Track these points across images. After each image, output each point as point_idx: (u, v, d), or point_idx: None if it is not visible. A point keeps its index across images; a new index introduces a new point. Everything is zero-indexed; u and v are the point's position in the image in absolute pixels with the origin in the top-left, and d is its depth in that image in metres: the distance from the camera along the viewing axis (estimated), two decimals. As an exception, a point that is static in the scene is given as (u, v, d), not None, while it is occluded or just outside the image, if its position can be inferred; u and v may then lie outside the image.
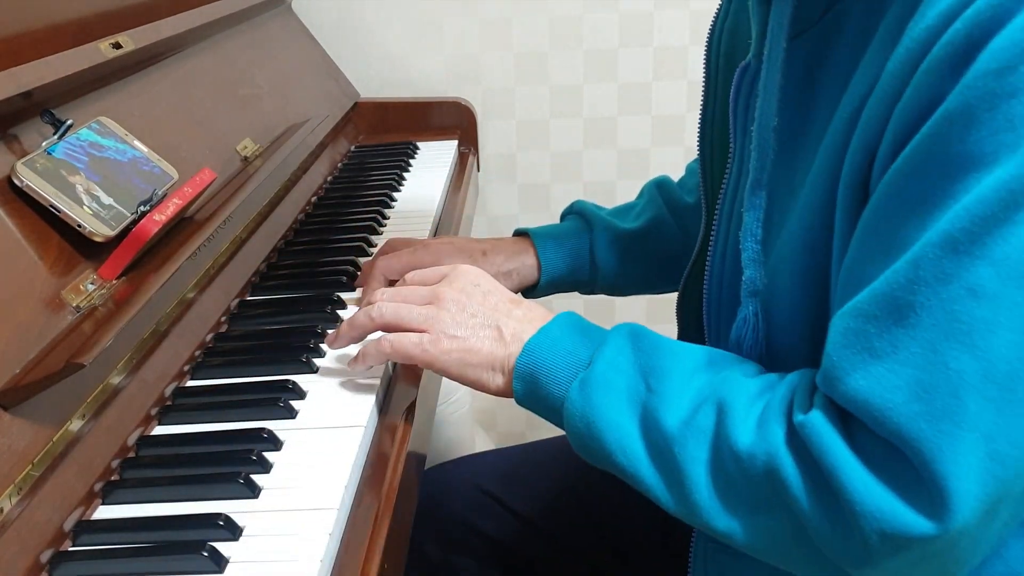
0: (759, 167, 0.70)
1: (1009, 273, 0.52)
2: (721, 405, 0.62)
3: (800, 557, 0.60)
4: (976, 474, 0.52)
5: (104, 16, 0.99)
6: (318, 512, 0.65)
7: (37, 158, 0.77)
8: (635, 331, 0.69)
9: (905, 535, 0.54)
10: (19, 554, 0.60)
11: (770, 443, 0.59)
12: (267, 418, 0.76)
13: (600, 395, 0.66)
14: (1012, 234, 0.51)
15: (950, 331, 0.53)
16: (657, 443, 0.63)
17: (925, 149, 0.54)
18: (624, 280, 1.05)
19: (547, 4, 1.72)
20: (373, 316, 0.77)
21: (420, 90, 1.76)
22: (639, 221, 1.04)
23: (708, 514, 0.62)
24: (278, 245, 1.12)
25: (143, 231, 0.80)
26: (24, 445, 0.64)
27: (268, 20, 1.48)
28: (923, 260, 0.53)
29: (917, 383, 0.53)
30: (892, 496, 0.54)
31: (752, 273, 0.70)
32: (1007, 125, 0.51)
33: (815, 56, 0.67)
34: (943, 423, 0.52)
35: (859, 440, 0.56)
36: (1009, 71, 0.51)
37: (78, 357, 0.66)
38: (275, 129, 1.26)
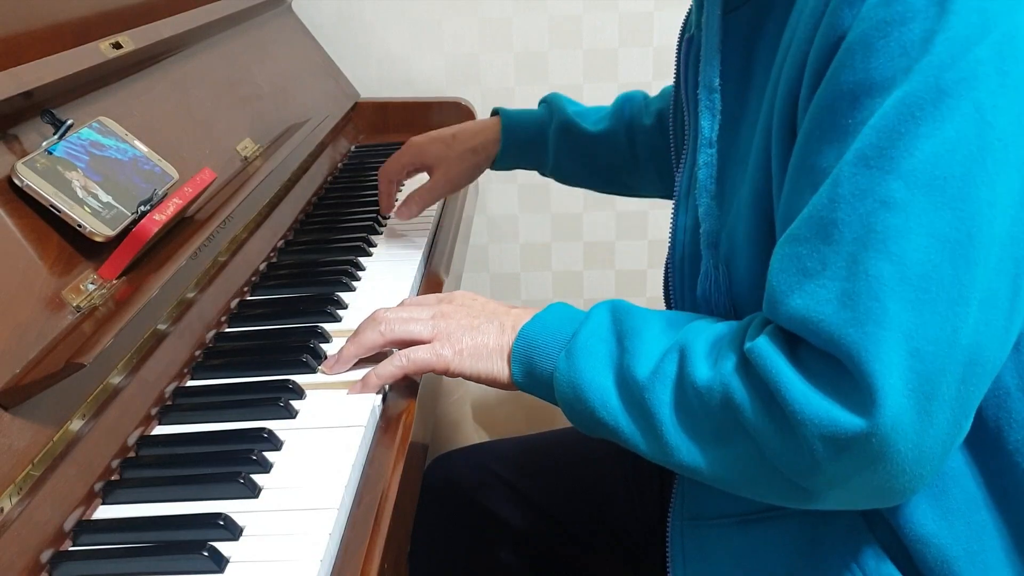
0: (708, 126, 0.75)
1: (916, 182, 0.56)
2: (683, 349, 0.67)
3: (764, 482, 0.64)
4: (899, 370, 0.56)
5: (104, 16, 0.99)
6: (318, 512, 0.65)
7: (37, 158, 0.77)
8: (615, 304, 0.74)
9: (841, 434, 0.57)
10: (19, 554, 0.60)
11: (723, 373, 0.63)
12: (267, 418, 0.76)
13: (582, 361, 0.70)
14: (915, 147, 0.56)
15: (868, 241, 0.57)
16: (632, 393, 0.68)
17: (834, 81, 0.59)
18: (568, 173, 1.18)
19: (547, 4, 1.72)
20: (383, 332, 0.79)
21: (420, 90, 1.76)
22: (596, 127, 1.14)
23: (678, 452, 0.66)
24: (278, 245, 1.12)
25: (143, 231, 0.80)
26: (24, 445, 0.64)
27: (268, 20, 1.48)
28: (841, 178, 0.58)
29: (843, 293, 0.58)
30: (828, 400, 0.58)
31: (708, 226, 0.76)
32: (900, 50, 0.57)
33: (751, 29, 0.73)
34: (867, 326, 0.56)
35: (802, 356, 0.60)
36: (896, 0, 0.57)
37: (78, 357, 0.66)
38: (275, 129, 1.26)
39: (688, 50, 0.82)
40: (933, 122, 0.56)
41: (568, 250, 1.87)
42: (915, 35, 0.57)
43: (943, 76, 0.56)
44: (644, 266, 1.88)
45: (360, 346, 0.80)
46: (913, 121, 0.56)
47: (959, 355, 0.57)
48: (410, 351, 0.77)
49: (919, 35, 0.56)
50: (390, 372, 0.78)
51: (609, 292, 1.90)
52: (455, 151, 1.15)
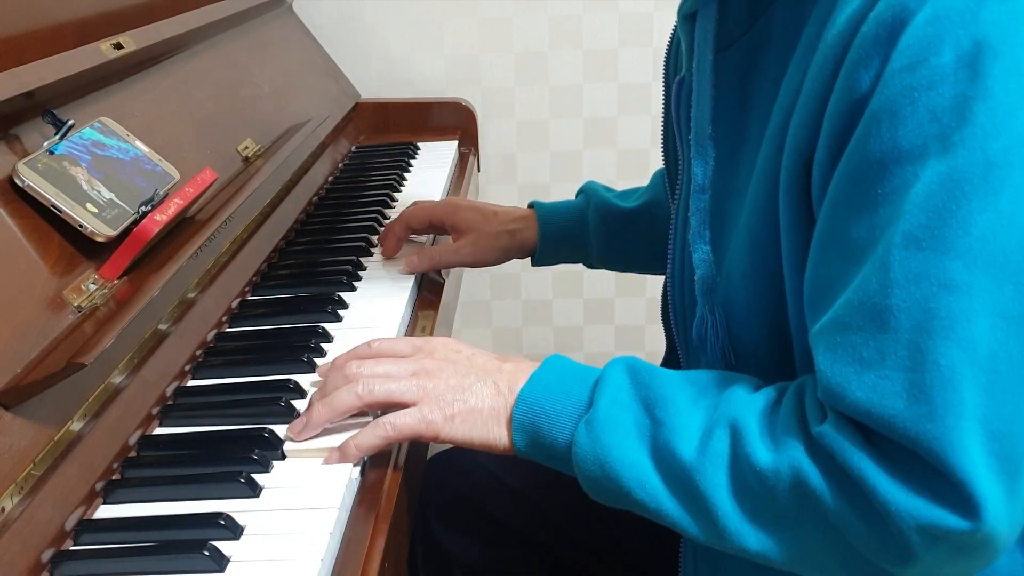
0: (701, 173, 0.73)
1: (976, 261, 0.53)
2: (733, 427, 0.62)
3: (838, 563, 0.60)
4: (983, 458, 0.53)
5: (105, 16, 0.99)
6: (319, 511, 0.65)
7: (39, 158, 0.77)
8: (631, 364, 0.68)
9: (938, 528, 0.54)
10: (21, 553, 0.60)
11: (792, 456, 0.59)
12: (268, 417, 0.76)
13: (608, 434, 0.65)
14: (970, 224, 0.53)
15: (931, 328, 0.54)
16: (675, 474, 0.63)
17: (860, 150, 0.57)
18: (614, 256, 1.11)
19: (547, 4, 1.72)
20: (360, 393, 0.71)
21: (420, 90, 1.76)
22: (636, 203, 1.10)
23: (739, 537, 0.61)
24: (279, 245, 1.13)
25: (144, 231, 0.80)
26: (25, 444, 0.64)
27: (269, 21, 1.48)
28: (891, 262, 0.55)
29: (912, 385, 0.54)
30: (920, 495, 0.55)
31: (703, 272, 0.73)
32: (929, 116, 0.54)
33: (745, 66, 0.70)
34: (947, 419, 0.53)
35: (879, 444, 0.57)
36: (921, 64, 0.54)
37: (79, 357, 0.66)
38: (276, 129, 1.26)
39: (679, 92, 0.79)
40: (985, 196, 0.53)
41: (568, 250, 1.87)
42: (946, 100, 0.54)
43: (989, 146, 0.53)
44: (644, 266, 1.88)
45: (333, 410, 0.71)
46: (964, 197, 0.53)
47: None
48: (395, 418, 0.69)
49: (950, 100, 0.54)
50: (372, 444, 0.70)
51: (609, 290, 1.90)
52: (492, 227, 1.08)
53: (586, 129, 1.81)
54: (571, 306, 1.92)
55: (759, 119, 0.68)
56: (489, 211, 1.10)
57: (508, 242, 1.09)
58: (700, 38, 0.72)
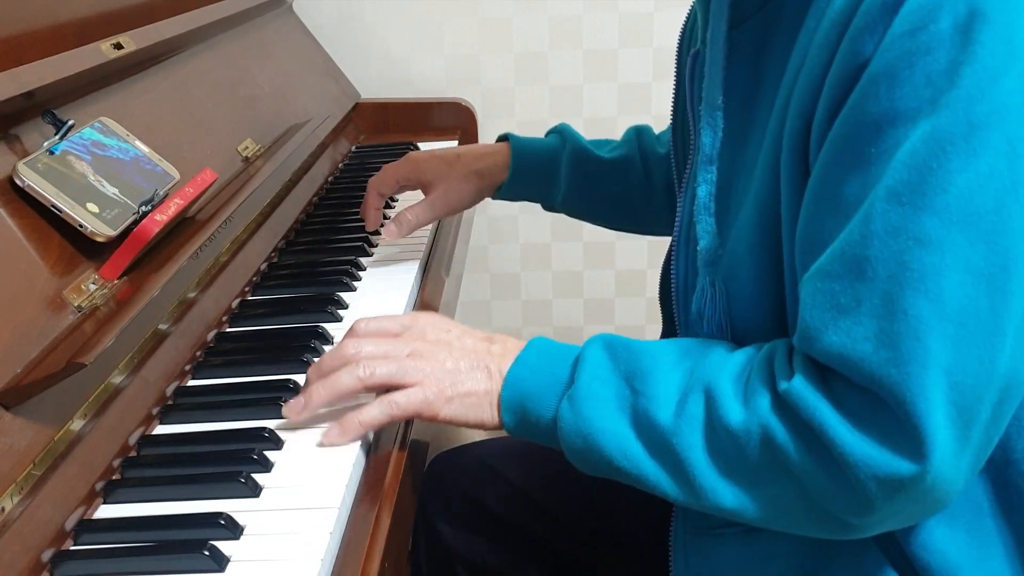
0: (710, 144, 0.74)
1: (951, 219, 0.56)
2: (707, 390, 0.65)
3: (809, 519, 0.63)
4: (942, 407, 0.56)
5: (105, 16, 0.99)
6: (319, 511, 0.65)
7: (39, 158, 0.77)
8: (608, 340, 0.72)
9: (896, 477, 0.57)
10: (21, 553, 0.60)
11: (760, 415, 0.62)
12: (268, 417, 0.76)
13: (589, 407, 0.68)
14: (948, 182, 0.56)
15: (904, 279, 0.57)
16: (654, 439, 0.66)
17: (857, 110, 0.59)
18: (580, 204, 1.12)
19: (547, 4, 1.72)
20: (362, 376, 0.73)
21: (420, 90, 1.76)
22: (610, 154, 1.10)
23: (715, 495, 0.64)
24: (279, 245, 1.13)
25: (144, 231, 0.80)
26: (25, 444, 0.64)
27: (269, 20, 1.48)
28: (873, 215, 0.58)
29: (881, 331, 0.57)
30: (877, 444, 0.58)
31: (706, 244, 0.75)
32: (925, 80, 0.56)
33: (758, 42, 0.72)
34: (910, 365, 0.56)
35: (840, 395, 0.60)
36: (920, 30, 0.56)
37: (79, 357, 0.66)
38: (276, 129, 1.26)
39: (693, 66, 0.80)
40: (965, 156, 0.56)
41: (568, 250, 1.87)
42: (940, 65, 0.56)
43: (972, 109, 0.55)
44: (644, 266, 1.88)
45: (334, 391, 0.73)
46: (944, 156, 0.56)
47: (996, 383, 0.57)
48: (398, 397, 0.72)
49: (944, 65, 0.56)
50: (377, 420, 0.72)
51: (609, 292, 1.90)
52: (457, 171, 1.08)
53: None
54: (571, 306, 1.92)
55: (769, 96, 0.69)
56: (451, 155, 1.10)
57: (478, 182, 1.09)
58: (715, 12, 0.74)
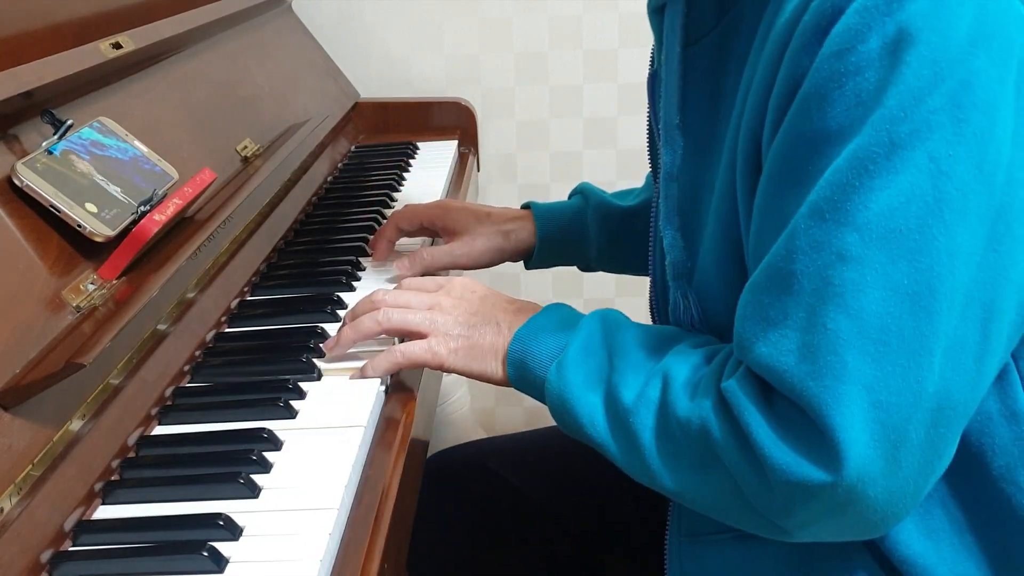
0: (670, 161, 0.76)
1: (871, 236, 0.57)
2: (666, 376, 0.67)
3: (742, 513, 0.65)
4: (862, 423, 0.57)
5: (104, 16, 0.99)
6: (318, 512, 0.65)
7: (37, 158, 0.77)
8: (606, 315, 0.75)
9: (806, 484, 0.58)
10: (19, 554, 0.60)
11: (703, 408, 0.64)
12: (267, 418, 0.76)
13: (572, 374, 0.71)
14: (869, 199, 0.57)
15: (825, 294, 0.58)
16: (617, 415, 0.69)
17: (791, 129, 0.60)
18: (614, 256, 1.10)
19: (547, 4, 1.72)
20: (380, 320, 0.80)
21: (420, 90, 1.76)
22: (634, 201, 1.09)
23: (660, 476, 0.67)
24: (278, 245, 1.13)
25: (143, 231, 0.80)
26: (24, 445, 0.64)
27: (268, 20, 1.48)
28: (797, 231, 0.59)
29: (803, 345, 0.59)
30: (793, 452, 0.59)
31: (673, 257, 0.77)
32: (855, 100, 0.57)
33: (715, 60, 0.73)
34: (826, 379, 0.57)
35: (773, 401, 0.61)
36: (849, 51, 0.57)
37: (78, 357, 0.66)
38: (275, 129, 1.26)
39: (653, 86, 0.82)
40: (886, 175, 0.56)
41: (568, 250, 1.87)
42: (870, 84, 0.57)
43: (895, 129, 0.56)
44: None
45: (357, 332, 0.81)
46: (867, 174, 0.57)
47: (926, 403, 0.57)
48: (405, 347, 0.78)
49: (873, 84, 0.57)
50: (384, 368, 0.79)
51: (609, 292, 1.90)
52: (485, 227, 1.06)
53: (586, 129, 1.81)
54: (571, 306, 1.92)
55: (727, 111, 0.70)
56: (482, 212, 1.08)
57: (503, 243, 1.06)
58: (668, 32, 0.75)
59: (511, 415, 1.95)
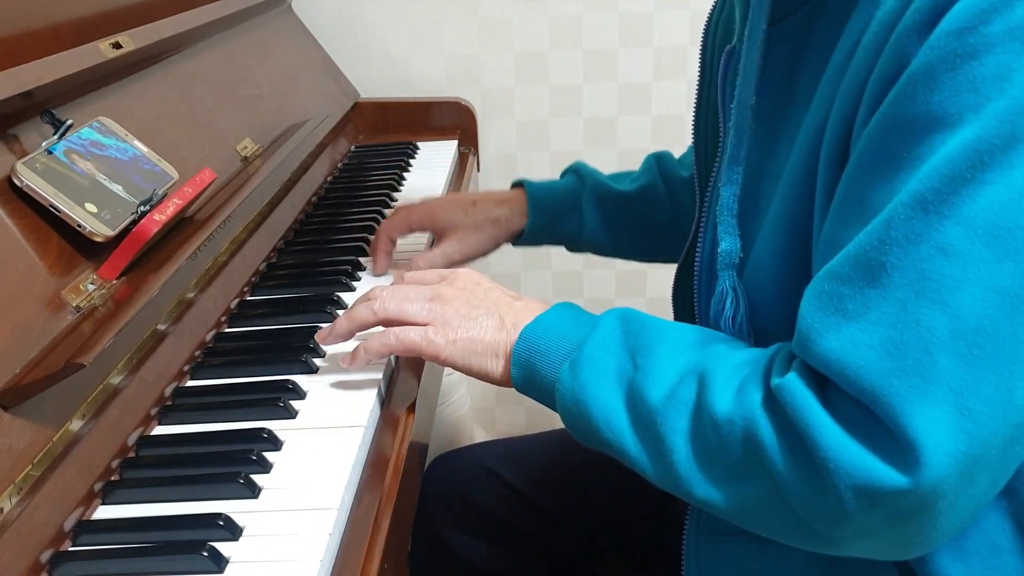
0: (736, 143, 0.72)
1: (977, 232, 0.53)
2: (702, 376, 0.63)
3: (778, 522, 0.61)
4: (946, 428, 0.53)
5: (104, 16, 0.99)
6: (318, 512, 0.65)
7: (37, 158, 0.77)
8: (625, 314, 0.71)
9: (877, 488, 0.54)
10: (19, 554, 0.60)
11: (748, 407, 0.60)
12: (267, 418, 0.76)
13: (588, 375, 0.67)
14: (979, 194, 0.52)
15: (921, 289, 0.53)
16: (641, 416, 0.64)
17: (892, 112, 0.56)
18: (607, 240, 1.08)
19: (547, 4, 1.72)
20: (376, 310, 0.77)
21: (420, 90, 1.76)
22: (632, 186, 1.07)
23: (689, 483, 0.63)
24: (278, 245, 1.12)
25: (143, 231, 0.80)
26: (24, 445, 0.64)
27: (268, 20, 1.48)
28: (894, 220, 0.54)
29: (889, 341, 0.54)
30: (864, 451, 0.55)
31: (727, 246, 0.72)
32: (968, 86, 0.53)
33: (798, 41, 0.69)
34: (914, 378, 0.53)
35: (833, 400, 0.57)
36: (969, 31, 0.53)
37: (78, 357, 0.66)
38: (275, 129, 1.26)
39: (728, 63, 0.78)
40: (1000, 168, 0.52)
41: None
42: (988, 70, 0.52)
43: (1019, 121, 0.52)
44: (644, 266, 1.88)
45: (353, 321, 0.79)
46: (981, 167, 0.52)
47: (1012, 416, 0.53)
48: (400, 330, 0.75)
49: (993, 71, 0.52)
50: (376, 349, 0.76)
51: (609, 292, 1.90)
52: (473, 219, 1.05)
53: (586, 129, 1.80)
54: (571, 306, 1.92)
55: (804, 96, 0.67)
56: (467, 202, 1.07)
57: (494, 231, 1.06)
58: (755, 7, 0.70)
59: (512, 416, 1.95)
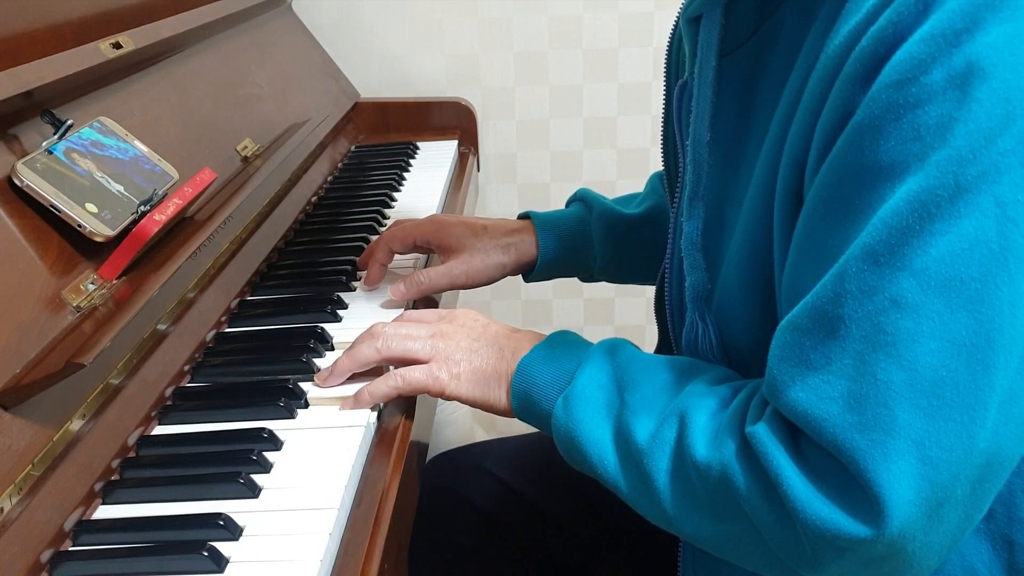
0: (695, 180, 0.73)
1: (930, 283, 0.53)
2: (683, 418, 0.64)
3: (763, 561, 0.62)
4: (909, 479, 0.53)
5: (104, 16, 0.99)
6: (318, 512, 0.65)
7: (37, 158, 0.77)
8: (614, 346, 0.72)
9: (844, 539, 0.55)
10: (19, 554, 0.60)
11: (724, 454, 0.61)
12: (267, 418, 0.76)
13: (580, 410, 0.69)
14: (930, 244, 0.53)
15: (876, 342, 0.54)
16: (630, 454, 0.66)
17: (841, 161, 0.56)
18: (620, 266, 1.06)
19: (547, 4, 1.72)
20: (379, 348, 0.78)
21: (420, 90, 1.76)
22: (639, 208, 1.05)
23: (676, 520, 0.65)
24: (278, 245, 1.12)
25: (143, 231, 0.80)
26: (24, 445, 0.64)
27: (268, 20, 1.48)
28: (847, 273, 0.55)
29: (849, 394, 0.55)
30: (829, 504, 0.56)
31: (694, 279, 0.74)
32: (913, 134, 0.53)
33: (750, 71, 0.69)
34: (874, 432, 0.54)
35: (803, 448, 0.58)
36: (910, 82, 0.53)
37: (78, 357, 0.66)
38: (275, 129, 1.26)
39: (681, 97, 0.78)
40: (949, 219, 0.52)
41: (568, 250, 1.87)
42: (931, 119, 0.53)
43: (963, 171, 0.52)
44: (644, 266, 1.88)
45: (355, 361, 0.79)
46: (928, 218, 0.53)
47: (976, 459, 0.54)
48: (405, 371, 0.76)
49: (936, 120, 0.53)
50: (383, 392, 0.76)
51: (609, 292, 1.90)
52: (484, 242, 1.00)
53: (586, 129, 1.80)
54: (571, 306, 1.92)
55: (760, 125, 0.67)
56: (478, 225, 1.02)
57: (502, 258, 1.01)
58: (704, 42, 0.71)
59: (511, 415, 1.95)
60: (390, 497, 0.70)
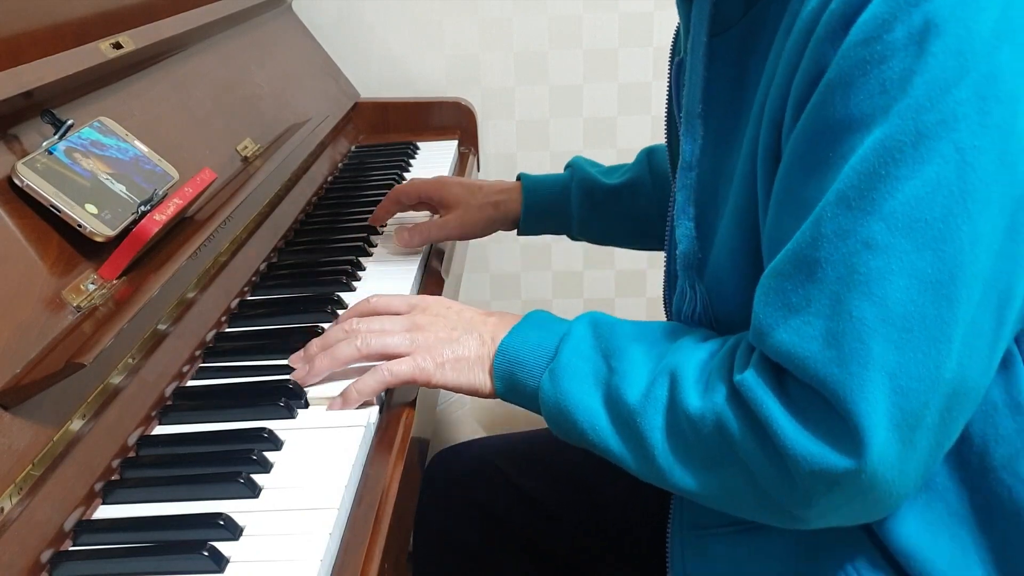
0: (688, 150, 0.77)
1: (896, 225, 0.57)
2: (673, 375, 0.68)
3: (757, 505, 0.66)
4: (884, 407, 0.58)
5: (105, 16, 0.99)
6: (318, 512, 0.65)
7: (38, 158, 0.77)
8: (594, 318, 0.76)
9: (831, 472, 0.59)
10: (20, 554, 0.60)
11: (715, 403, 0.65)
12: (267, 418, 0.76)
13: (567, 381, 0.71)
14: (896, 189, 0.57)
15: (851, 282, 0.59)
16: (622, 416, 0.69)
17: (815, 116, 0.61)
18: (596, 231, 1.15)
19: (547, 4, 1.72)
20: (359, 346, 0.78)
21: (420, 90, 1.76)
22: (620, 179, 1.13)
23: (671, 474, 0.68)
24: (278, 245, 1.13)
25: (144, 231, 0.80)
26: (24, 445, 0.64)
27: (268, 20, 1.48)
28: (823, 218, 0.60)
29: (828, 332, 0.59)
30: (816, 439, 0.60)
31: (685, 247, 0.77)
32: (879, 88, 0.58)
33: (741, 50, 0.73)
34: (851, 365, 0.58)
35: (790, 390, 0.62)
36: (875, 40, 0.58)
37: (78, 357, 0.66)
38: (275, 129, 1.26)
39: (678, 74, 0.82)
40: (913, 164, 0.57)
41: (568, 250, 1.87)
42: (894, 73, 0.57)
43: (921, 118, 0.57)
44: (644, 266, 1.88)
45: (335, 360, 0.79)
46: (893, 163, 0.57)
47: (943, 388, 0.58)
48: (392, 365, 0.77)
49: (898, 73, 0.57)
50: (371, 388, 0.77)
51: (609, 292, 1.90)
52: (477, 199, 1.13)
53: (586, 129, 1.81)
54: (571, 306, 1.92)
55: (751, 101, 0.70)
56: (475, 185, 1.15)
57: (493, 213, 1.13)
58: (696, 21, 0.75)
59: (511, 413, 1.94)
60: (390, 497, 0.70)
